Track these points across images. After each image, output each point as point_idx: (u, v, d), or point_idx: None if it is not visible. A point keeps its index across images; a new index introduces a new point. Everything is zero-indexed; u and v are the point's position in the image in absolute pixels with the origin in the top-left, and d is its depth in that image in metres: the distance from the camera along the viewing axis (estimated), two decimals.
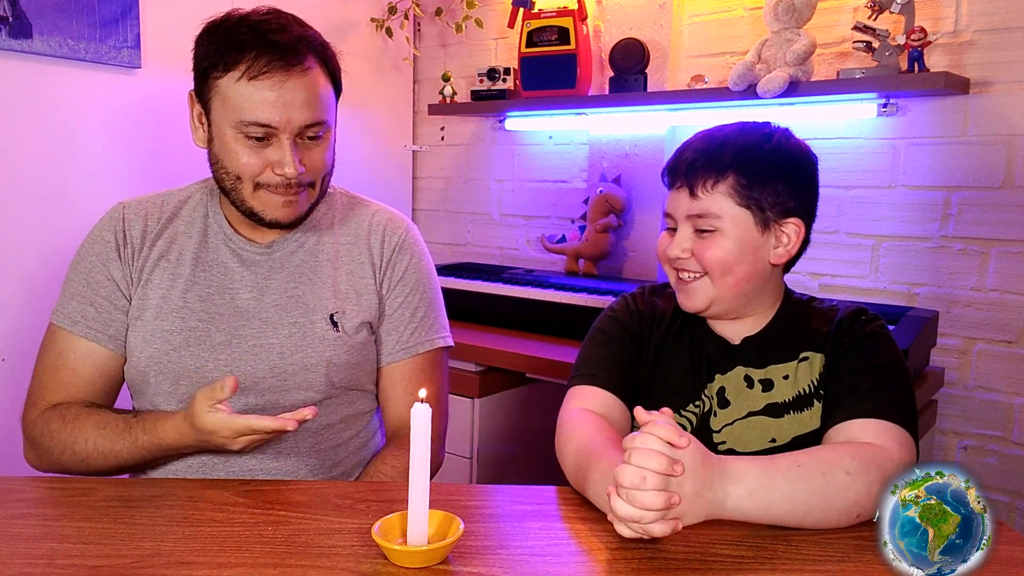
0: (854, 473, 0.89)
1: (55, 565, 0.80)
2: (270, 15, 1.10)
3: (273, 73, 1.06)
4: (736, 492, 0.85)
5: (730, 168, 1.03)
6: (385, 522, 0.84)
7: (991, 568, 0.81)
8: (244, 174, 1.10)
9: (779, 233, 1.06)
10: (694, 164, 1.05)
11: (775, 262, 1.07)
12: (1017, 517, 1.82)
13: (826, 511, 0.88)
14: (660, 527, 0.80)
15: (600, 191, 2.26)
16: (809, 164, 1.09)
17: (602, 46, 2.25)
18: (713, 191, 1.04)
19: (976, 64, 1.79)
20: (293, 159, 1.08)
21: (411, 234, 1.27)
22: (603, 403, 1.07)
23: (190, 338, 1.14)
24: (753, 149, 1.05)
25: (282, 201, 1.12)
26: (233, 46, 1.06)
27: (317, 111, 1.10)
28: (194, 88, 1.13)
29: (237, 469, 1.15)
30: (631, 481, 0.79)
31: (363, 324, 1.20)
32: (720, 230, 1.04)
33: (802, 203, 1.07)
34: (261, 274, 1.18)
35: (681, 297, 1.09)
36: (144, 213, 1.21)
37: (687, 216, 1.06)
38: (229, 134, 1.09)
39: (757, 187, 1.03)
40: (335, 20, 2.44)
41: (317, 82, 1.10)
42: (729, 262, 1.04)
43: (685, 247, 1.06)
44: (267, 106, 1.06)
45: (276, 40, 1.06)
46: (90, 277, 1.17)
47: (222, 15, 1.11)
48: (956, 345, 1.87)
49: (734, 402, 1.08)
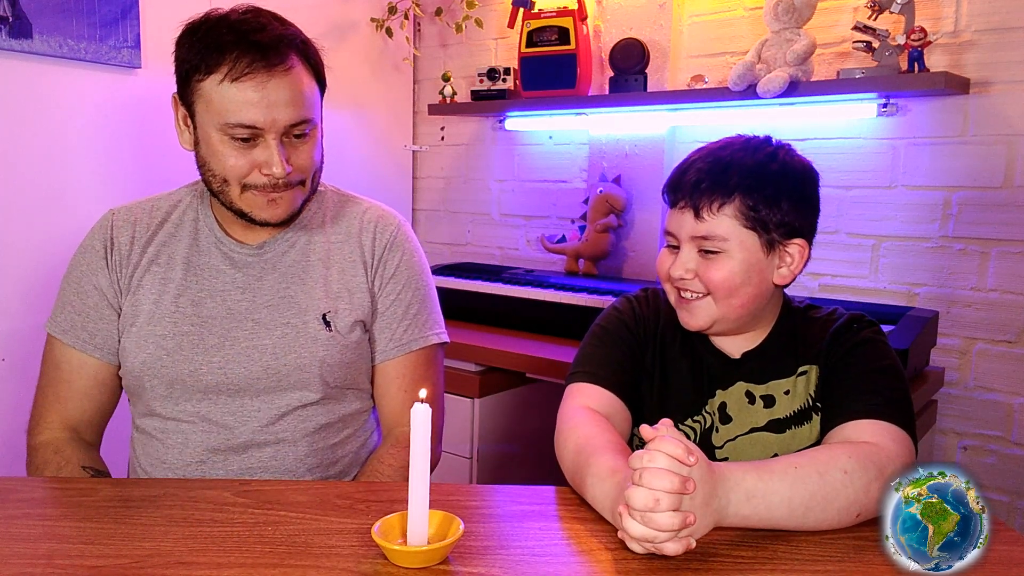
0: (851, 472, 0.89)
1: (55, 565, 0.80)
2: (249, 14, 1.09)
3: (255, 74, 1.05)
4: (735, 497, 0.85)
5: (736, 190, 1.02)
6: (385, 522, 0.83)
7: (991, 568, 0.81)
8: (231, 176, 1.10)
9: (783, 254, 1.05)
10: (699, 185, 1.03)
11: (779, 283, 1.06)
12: (1017, 517, 1.82)
13: (825, 511, 0.88)
14: (673, 545, 0.79)
15: (600, 191, 2.26)
16: (812, 182, 1.08)
17: (602, 46, 2.25)
18: (719, 213, 1.02)
19: (976, 64, 1.79)
20: (280, 159, 1.08)
21: (402, 231, 1.26)
22: (603, 401, 1.06)
23: (183, 342, 1.14)
24: (760, 170, 1.03)
25: (267, 201, 1.11)
26: (214, 48, 1.05)
27: (302, 109, 1.09)
28: (177, 91, 1.13)
29: (235, 469, 1.15)
30: (644, 504, 0.78)
31: (356, 323, 1.19)
32: (726, 252, 1.03)
33: (806, 222, 1.06)
34: (253, 275, 1.18)
35: (683, 315, 1.08)
36: (133, 219, 1.21)
37: (691, 237, 1.04)
38: (215, 136, 1.08)
39: (764, 209, 1.02)
40: (335, 20, 2.43)
41: (300, 80, 1.09)
42: (734, 284, 1.03)
43: (689, 268, 1.04)
44: (251, 107, 1.05)
45: (257, 40, 1.05)
46: (79, 286, 1.18)
47: (201, 15, 1.10)
48: (956, 345, 1.87)
49: (736, 418, 1.08)
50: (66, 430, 1.17)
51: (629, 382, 1.09)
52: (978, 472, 1.84)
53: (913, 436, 0.98)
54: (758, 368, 1.09)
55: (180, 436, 1.15)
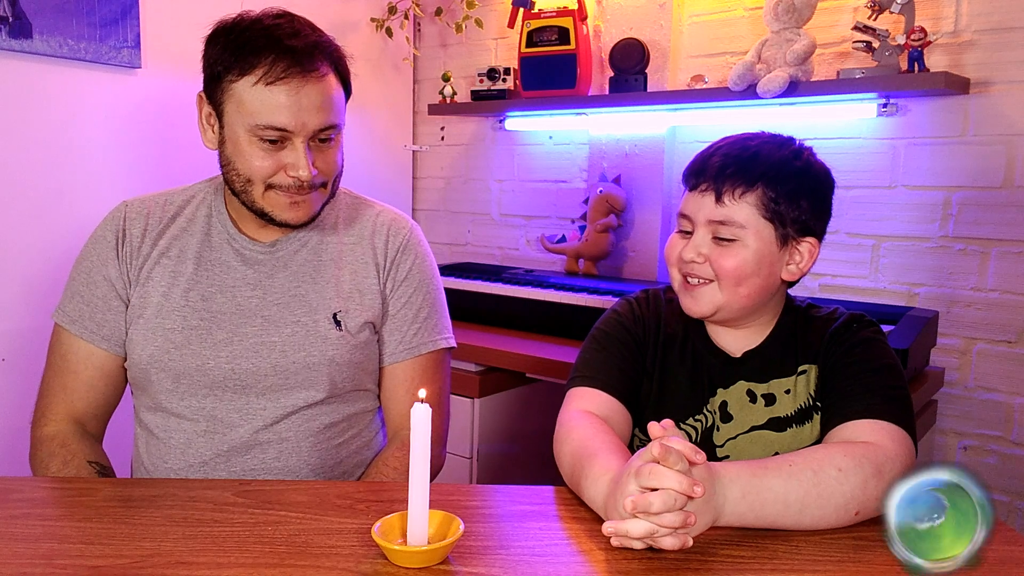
0: (846, 469, 0.89)
1: (55, 565, 0.80)
2: (282, 19, 1.11)
3: (290, 79, 1.07)
4: (731, 495, 0.85)
5: (760, 180, 1.02)
6: (385, 522, 0.84)
7: (991, 568, 0.82)
8: (256, 176, 1.11)
9: (794, 250, 1.06)
10: (724, 169, 1.03)
11: (787, 278, 1.07)
12: (1017, 517, 1.82)
13: (821, 509, 0.88)
14: (671, 540, 0.80)
15: (600, 191, 2.26)
16: (829, 186, 1.10)
17: (602, 46, 2.25)
18: (740, 200, 1.03)
19: (976, 64, 1.79)
20: (307, 162, 1.10)
21: (415, 235, 1.28)
22: (603, 406, 1.06)
23: (191, 336, 1.14)
24: (785, 165, 1.04)
25: (290, 202, 1.13)
26: (248, 50, 1.07)
27: (331, 115, 1.11)
28: (204, 89, 1.14)
29: (237, 469, 1.15)
30: (663, 506, 0.79)
31: (366, 324, 1.20)
32: (741, 240, 1.03)
33: (821, 223, 1.08)
34: (264, 272, 1.19)
35: (687, 301, 1.08)
36: (146, 212, 1.21)
37: (708, 221, 1.04)
38: (243, 137, 1.10)
39: (784, 202, 1.03)
40: (335, 20, 2.44)
41: (331, 87, 1.11)
42: (744, 273, 1.03)
43: (702, 251, 1.05)
44: (283, 110, 1.07)
45: (292, 45, 1.07)
46: (89, 276, 1.18)
47: (233, 17, 1.12)
48: (956, 345, 1.87)
49: (737, 416, 1.08)
50: (72, 423, 1.17)
51: (629, 385, 1.09)
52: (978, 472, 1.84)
53: (913, 435, 0.98)
54: (759, 367, 1.09)
55: (183, 436, 1.15)
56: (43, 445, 1.15)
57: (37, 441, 1.16)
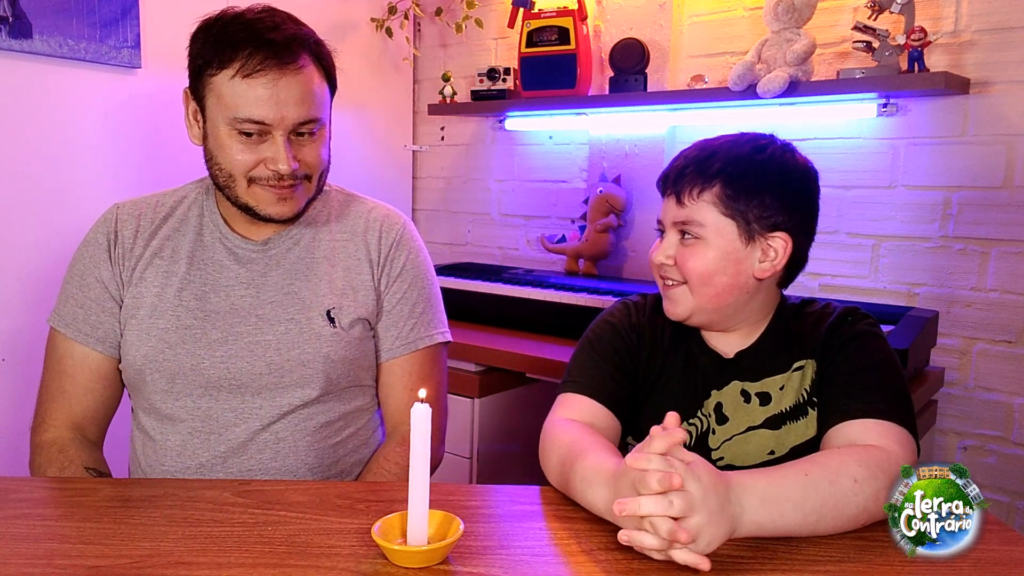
0: (862, 480, 0.88)
1: (55, 565, 0.80)
2: (264, 13, 1.11)
3: (267, 71, 1.06)
4: (750, 503, 0.83)
5: (717, 177, 1.03)
6: (385, 522, 0.83)
7: (991, 568, 0.81)
8: (236, 170, 1.11)
9: (765, 247, 1.04)
10: (683, 171, 1.06)
11: (759, 276, 1.05)
12: (1017, 517, 1.82)
13: (836, 518, 0.87)
14: (682, 554, 0.78)
15: (600, 191, 2.26)
16: (805, 180, 1.07)
17: (602, 46, 2.25)
18: (699, 199, 1.04)
19: (976, 64, 1.79)
20: (287, 155, 1.09)
21: (408, 230, 1.27)
22: (590, 413, 1.05)
23: (186, 336, 1.14)
24: (743, 160, 1.04)
25: (275, 197, 1.13)
26: (227, 44, 1.07)
27: (311, 108, 1.10)
28: (189, 85, 1.14)
29: (235, 471, 1.15)
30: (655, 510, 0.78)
31: (359, 320, 1.20)
32: (703, 239, 1.04)
33: (793, 219, 1.04)
34: (257, 271, 1.19)
35: (666, 304, 1.10)
36: (137, 213, 1.21)
37: (673, 223, 1.07)
38: (223, 130, 1.10)
39: (743, 199, 1.02)
40: (335, 20, 2.44)
41: (311, 80, 1.10)
42: (709, 272, 1.04)
43: (669, 253, 1.07)
44: (261, 103, 1.07)
45: (271, 38, 1.07)
46: (82, 279, 1.19)
47: (216, 13, 1.12)
48: (956, 345, 1.87)
49: (733, 417, 1.08)
50: (71, 429, 1.17)
51: (618, 392, 1.08)
52: (978, 472, 1.84)
53: (915, 433, 0.98)
54: (752, 365, 1.08)
55: (179, 439, 1.15)
56: (41, 451, 1.14)
57: (36, 447, 1.16)
